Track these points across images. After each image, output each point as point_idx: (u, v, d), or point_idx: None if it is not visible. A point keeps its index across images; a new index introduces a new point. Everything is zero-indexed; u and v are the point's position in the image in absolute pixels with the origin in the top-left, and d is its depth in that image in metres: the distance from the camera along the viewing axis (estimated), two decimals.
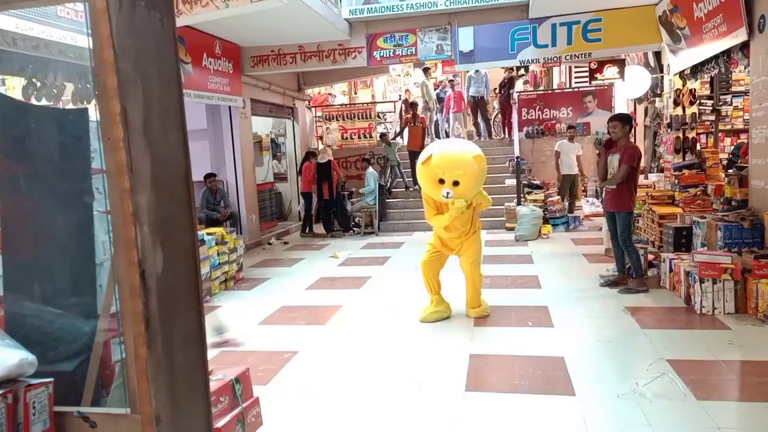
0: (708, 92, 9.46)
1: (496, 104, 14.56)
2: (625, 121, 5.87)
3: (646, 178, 9.95)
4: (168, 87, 1.26)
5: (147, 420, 1.16)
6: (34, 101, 5.40)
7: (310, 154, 11.04)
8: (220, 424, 1.87)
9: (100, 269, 1.37)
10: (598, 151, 5.98)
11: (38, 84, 5.68)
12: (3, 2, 1.45)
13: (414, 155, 11.52)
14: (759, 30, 5.59)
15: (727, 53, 6.48)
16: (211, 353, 4.33)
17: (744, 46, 6.00)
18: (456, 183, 4.69)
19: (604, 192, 5.99)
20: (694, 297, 4.98)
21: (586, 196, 11.24)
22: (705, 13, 6.63)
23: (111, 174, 1.13)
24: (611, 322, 4.81)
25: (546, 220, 9.73)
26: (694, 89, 8.25)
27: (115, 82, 1.10)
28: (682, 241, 6.13)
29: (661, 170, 9.32)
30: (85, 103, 4.22)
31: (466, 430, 3.09)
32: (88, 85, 3.62)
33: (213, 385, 1.95)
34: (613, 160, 5.60)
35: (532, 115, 12.63)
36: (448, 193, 4.71)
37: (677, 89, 8.35)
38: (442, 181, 4.74)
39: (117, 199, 1.14)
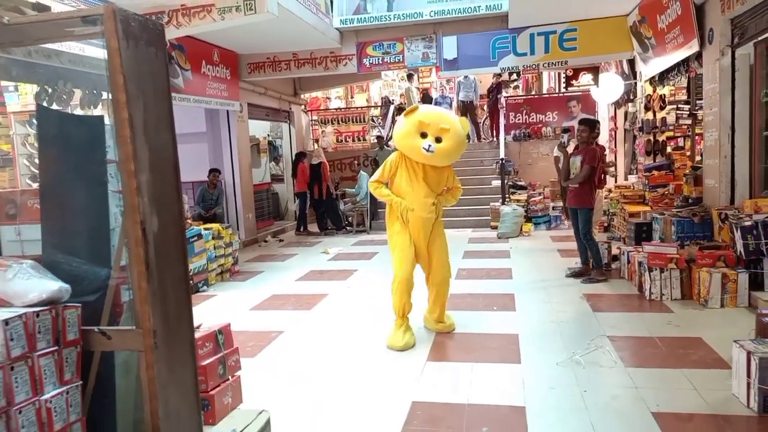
0: (685, 97, 9.98)
1: (485, 108, 15.06)
2: (592, 125, 6.38)
3: (626, 179, 10.46)
4: (161, 100, 1.78)
5: (147, 333, 1.67)
6: (46, 105, 5.95)
7: (301, 155, 11.55)
8: (205, 363, 2.37)
9: (112, 233, 1.88)
10: (560, 153, 6.48)
11: (49, 90, 6.21)
12: (30, 39, 1.95)
13: None
14: (709, 41, 6.10)
15: (686, 62, 7.00)
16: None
17: (699, 56, 6.51)
18: (439, 140, 4.35)
19: (567, 190, 6.49)
20: (645, 285, 5.47)
21: None
22: (666, 25, 7.14)
23: (121, 161, 1.64)
24: (568, 306, 5.31)
25: (528, 219, 10.24)
26: (664, 95, 8.75)
27: (124, 98, 1.61)
28: (643, 235, 6.63)
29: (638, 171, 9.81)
30: (91, 107, 4.74)
31: (424, 389, 3.59)
32: (95, 91, 4.15)
33: (199, 334, 2.45)
34: (576, 161, 6.11)
35: (519, 119, 13.13)
36: (429, 146, 4.30)
37: (648, 95, 8.85)
38: (424, 135, 4.38)
39: (125, 178, 1.64)
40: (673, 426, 2.97)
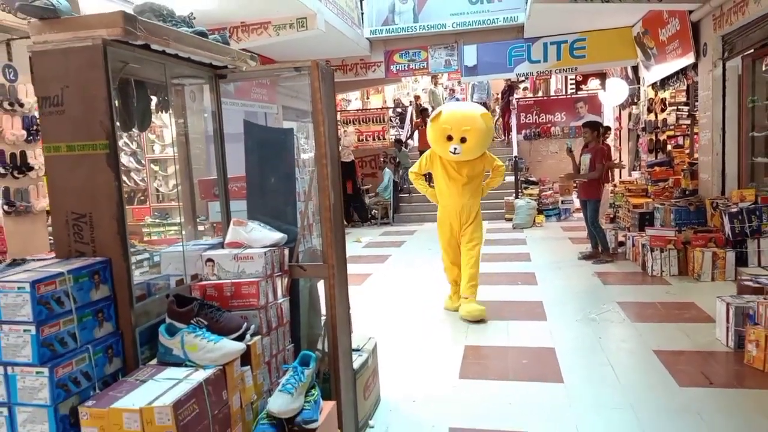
0: (685, 99, 10.91)
1: (497, 108, 16.02)
2: (594, 127, 7.35)
3: (630, 175, 11.40)
4: (332, 118, 2.74)
5: (330, 266, 2.62)
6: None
7: None
8: None
9: (297, 205, 2.84)
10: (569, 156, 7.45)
11: None
12: (246, 77, 2.90)
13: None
14: (703, 54, 7.04)
15: (683, 70, 7.94)
16: None
17: (695, 65, 7.45)
18: (463, 140, 4.80)
19: (578, 184, 7.44)
20: (647, 263, 6.42)
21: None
22: (667, 38, 8.08)
23: (317, 158, 2.59)
24: (582, 281, 6.27)
25: (540, 211, 11.20)
26: (665, 98, 9.68)
27: (322, 118, 2.57)
28: (646, 223, 7.57)
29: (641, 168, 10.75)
30: (162, 111, 5.67)
31: (472, 338, 4.55)
32: (166, 98, 5.26)
33: None
34: (585, 159, 7.07)
35: (529, 119, 14.06)
36: (455, 149, 4.80)
37: (650, 98, 9.79)
38: (450, 138, 4.83)
39: (319, 168, 2.59)
40: (668, 358, 3.92)
